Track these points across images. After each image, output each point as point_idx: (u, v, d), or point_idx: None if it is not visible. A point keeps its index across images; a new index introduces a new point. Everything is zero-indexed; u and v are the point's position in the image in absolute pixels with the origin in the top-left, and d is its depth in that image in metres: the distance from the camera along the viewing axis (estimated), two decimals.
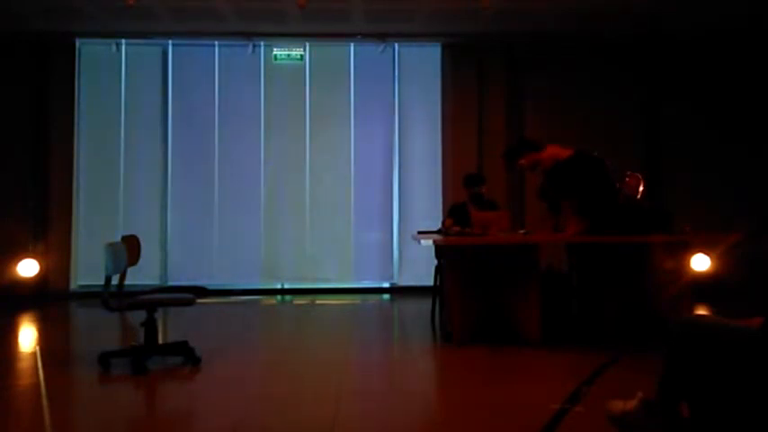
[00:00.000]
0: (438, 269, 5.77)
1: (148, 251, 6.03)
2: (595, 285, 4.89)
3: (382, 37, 7.60)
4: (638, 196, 5.49)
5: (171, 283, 7.60)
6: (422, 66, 7.97)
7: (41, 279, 7.43)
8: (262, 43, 7.75)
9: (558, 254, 5.30)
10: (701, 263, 6.20)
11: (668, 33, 7.24)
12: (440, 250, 5.61)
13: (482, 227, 5.21)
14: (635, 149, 7.62)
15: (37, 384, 3.93)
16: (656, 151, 7.75)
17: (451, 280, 4.97)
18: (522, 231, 5.31)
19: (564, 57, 7.69)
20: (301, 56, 7.78)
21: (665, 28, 7.16)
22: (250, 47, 7.70)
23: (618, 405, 2.86)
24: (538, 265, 4.83)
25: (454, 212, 5.94)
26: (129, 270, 4.56)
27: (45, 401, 3.59)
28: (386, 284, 7.97)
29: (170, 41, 7.78)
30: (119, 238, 4.64)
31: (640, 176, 5.55)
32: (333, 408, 3.42)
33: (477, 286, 4.90)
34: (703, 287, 6.44)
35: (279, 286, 7.88)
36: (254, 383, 3.98)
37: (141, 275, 5.98)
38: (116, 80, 7.75)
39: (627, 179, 5.51)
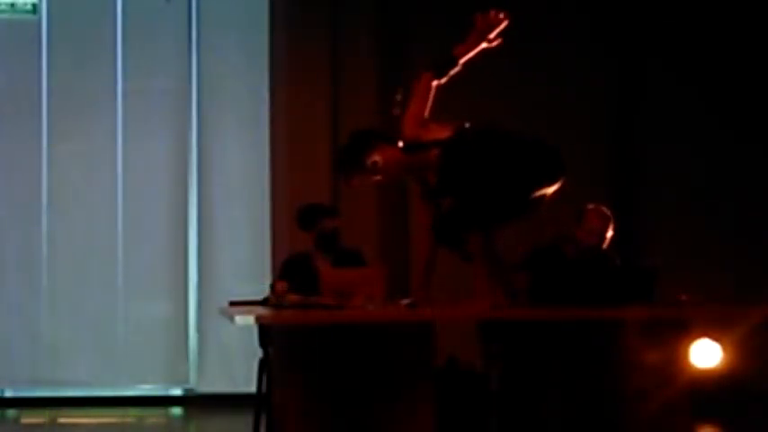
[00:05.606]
0: (264, 365, 4.84)
1: None
2: (530, 390, 4.20)
3: None
4: (605, 244, 4.73)
5: None
6: (237, 21, 6.91)
7: None
8: None
9: (466, 339, 4.53)
10: (706, 355, 5.62)
11: None
12: (267, 334, 4.69)
13: (337, 293, 4.30)
14: (595, 158, 6.57)
15: None
16: (631, 160, 6.84)
17: (287, 384, 4.19)
18: (405, 301, 4.25)
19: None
20: (34, 6, 6.84)
21: None
22: None
23: None
24: (432, 358, 4.18)
25: (291, 270, 5.03)
26: None
27: None
28: (176, 391, 6.77)
29: None
30: None
31: (608, 212, 4.76)
32: None
33: (330, 395, 4.08)
34: (711, 395, 5.48)
35: None
36: None
37: None
38: None
39: (586, 217, 4.76)
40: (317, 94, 6.54)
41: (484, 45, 3.85)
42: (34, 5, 6.69)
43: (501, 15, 3.86)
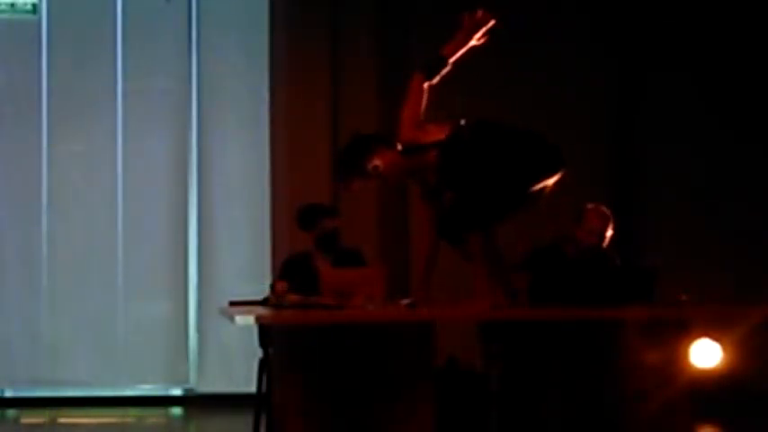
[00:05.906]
0: (264, 365, 4.84)
1: None
2: (530, 390, 4.20)
3: None
4: (605, 244, 4.72)
5: None
6: (237, 21, 6.84)
7: None
8: None
9: (466, 339, 4.58)
10: (706, 355, 5.58)
11: None
12: (267, 334, 4.69)
13: (338, 293, 4.28)
14: (595, 158, 6.54)
15: None
16: (631, 160, 6.82)
17: (287, 384, 4.17)
18: (405, 301, 4.22)
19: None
20: (34, 6, 6.82)
21: None
22: None
23: None
24: (432, 358, 4.18)
25: (291, 270, 5.04)
26: None
27: None
28: (176, 391, 6.72)
29: None
30: None
31: (608, 212, 4.75)
32: None
33: (330, 395, 4.07)
34: (711, 395, 5.40)
35: None
36: None
37: None
38: None
39: (586, 216, 4.73)
40: (317, 94, 6.49)
41: (471, 44, 3.84)
42: (34, 5, 6.69)
43: (488, 14, 3.87)
